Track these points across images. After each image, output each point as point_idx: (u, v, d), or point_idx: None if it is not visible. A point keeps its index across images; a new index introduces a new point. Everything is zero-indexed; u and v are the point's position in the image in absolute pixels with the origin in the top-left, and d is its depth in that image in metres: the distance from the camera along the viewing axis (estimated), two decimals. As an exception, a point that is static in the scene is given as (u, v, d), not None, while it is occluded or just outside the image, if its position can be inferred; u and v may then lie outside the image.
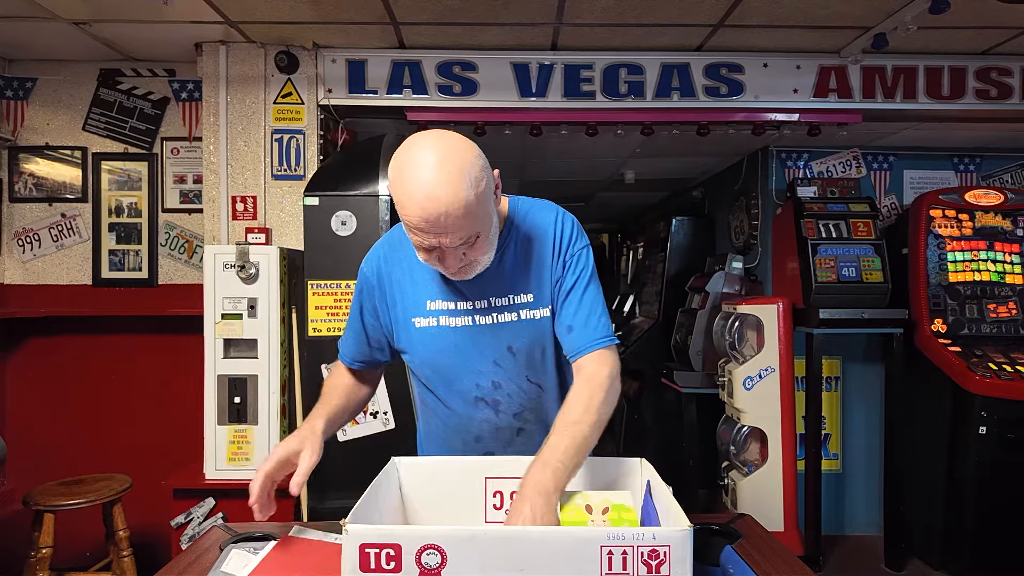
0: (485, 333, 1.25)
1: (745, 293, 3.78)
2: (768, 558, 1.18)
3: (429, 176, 1.02)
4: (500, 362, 1.26)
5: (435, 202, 1.02)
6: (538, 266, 1.26)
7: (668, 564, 0.82)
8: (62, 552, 2.51)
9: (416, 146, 1.06)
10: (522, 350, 1.26)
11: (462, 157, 1.05)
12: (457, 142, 1.07)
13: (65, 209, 3.08)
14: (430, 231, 1.05)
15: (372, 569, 0.83)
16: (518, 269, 1.25)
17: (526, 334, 1.26)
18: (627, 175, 4.69)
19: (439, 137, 1.07)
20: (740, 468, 3.31)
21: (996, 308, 3.20)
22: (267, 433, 2.52)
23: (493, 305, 1.25)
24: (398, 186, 1.06)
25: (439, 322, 1.25)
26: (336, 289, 2.49)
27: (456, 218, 1.04)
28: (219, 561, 1.15)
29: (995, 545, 2.98)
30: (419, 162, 1.03)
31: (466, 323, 1.25)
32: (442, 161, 1.03)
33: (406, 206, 1.05)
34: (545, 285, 1.26)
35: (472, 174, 1.05)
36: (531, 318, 1.25)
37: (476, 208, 1.06)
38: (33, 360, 3.05)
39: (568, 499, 1.09)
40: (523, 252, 1.26)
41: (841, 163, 3.78)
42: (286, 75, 2.84)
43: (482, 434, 1.30)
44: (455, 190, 1.02)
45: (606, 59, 2.89)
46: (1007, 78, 2.97)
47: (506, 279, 1.25)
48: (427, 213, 1.03)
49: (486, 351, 1.25)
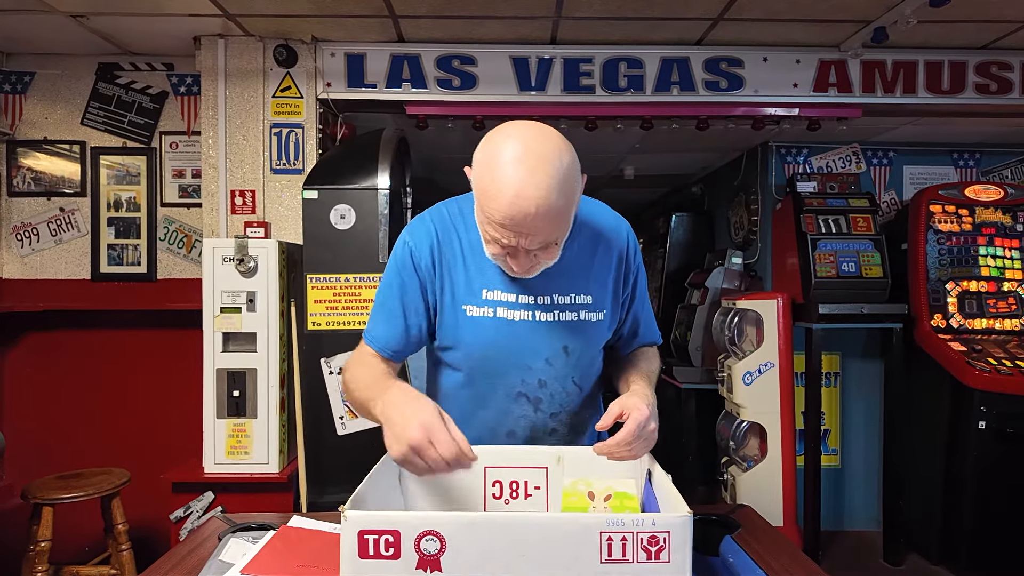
0: (543, 330, 1.21)
1: (745, 289, 3.78)
2: (767, 548, 1.17)
3: (525, 174, 0.97)
4: (552, 360, 1.23)
5: (526, 201, 0.97)
6: (602, 270, 1.24)
7: (668, 550, 0.82)
8: (61, 547, 2.51)
9: (517, 137, 1.01)
10: (576, 351, 1.24)
11: (560, 158, 1.00)
12: (557, 140, 1.02)
13: (64, 203, 3.07)
14: (512, 229, 1.00)
15: (371, 555, 0.83)
16: (580, 269, 1.22)
17: (583, 335, 1.24)
18: (627, 171, 4.69)
19: (540, 132, 1.02)
20: (739, 463, 3.31)
21: (996, 303, 3.20)
22: (266, 427, 2.51)
23: (556, 303, 1.21)
24: (488, 176, 1.00)
25: (495, 313, 1.20)
26: (335, 283, 2.48)
27: (545, 222, 1.00)
28: (217, 550, 1.14)
29: (994, 540, 2.98)
30: (518, 156, 0.98)
31: (525, 317, 1.20)
32: (541, 160, 0.98)
33: (494, 199, 0.99)
34: (606, 290, 1.25)
35: (567, 179, 1.00)
36: (589, 320, 1.24)
37: (564, 214, 1.03)
38: (32, 355, 3.05)
39: (571, 485, 1.08)
40: (587, 253, 1.23)
41: (841, 158, 3.78)
42: (285, 69, 2.83)
43: (516, 430, 1.27)
44: (548, 193, 0.97)
45: (606, 53, 2.89)
46: (1007, 72, 2.97)
47: (568, 277, 1.21)
48: (516, 212, 0.97)
49: (540, 348, 1.22)
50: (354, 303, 2.49)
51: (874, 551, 3.34)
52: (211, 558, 1.11)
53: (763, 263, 3.85)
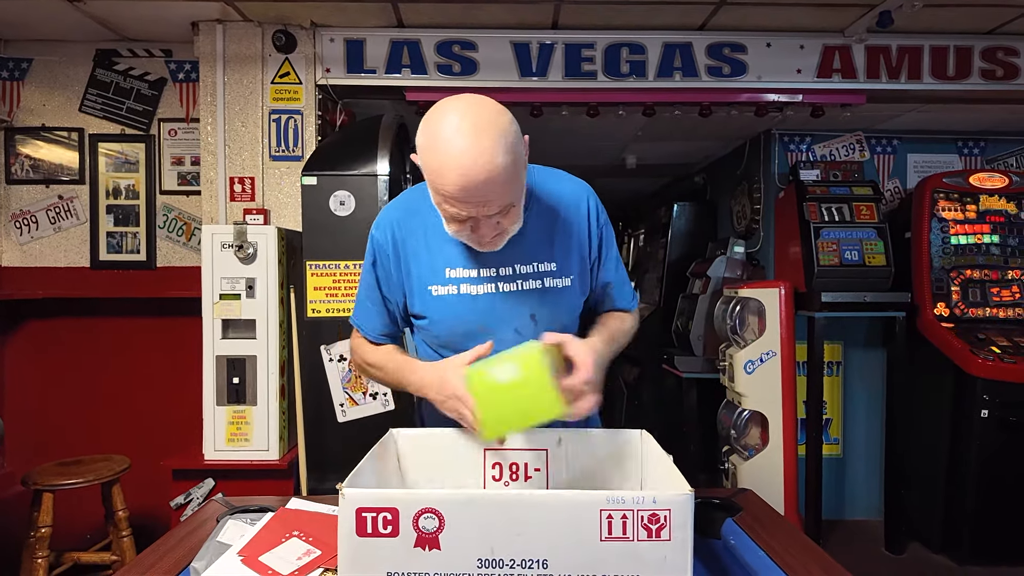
0: (508, 301, 1.22)
1: (747, 278, 3.76)
2: (769, 530, 1.17)
3: (468, 143, 0.98)
4: (521, 330, 1.23)
5: (476, 170, 0.98)
6: (564, 236, 1.25)
7: (668, 528, 0.81)
8: (62, 534, 2.51)
9: (451, 111, 1.02)
10: (544, 318, 1.24)
11: (499, 122, 1.02)
12: (492, 106, 1.04)
13: (62, 191, 3.06)
14: (468, 200, 1.02)
15: (369, 533, 0.82)
16: (541, 237, 1.23)
17: (550, 303, 1.24)
18: (628, 160, 4.66)
19: (473, 102, 1.03)
20: (741, 452, 3.30)
21: (999, 292, 3.19)
22: (266, 414, 2.51)
23: (518, 272, 1.22)
24: (432, 154, 1.01)
25: (459, 290, 1.22)
26: (335, 270, 2.47)
27: (496, 186, 1.01)
28: (215, 531, 1.14)
29: (995, 529, 2.98)
30: (456, 128, 0.99)
31: (488, 290, 1.22)
32: (481, 127, 0.99)
33: (443, 174, 1.00)
34: (571, 255, 1.25)
35: (509, 139, 1.01)
36: (555, 287, 1.24)
37: (514, 175, 1.04)
38: (31, 342, 3.04)
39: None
40: (547, 220, 1.24)
41: (844, 146, 3.75)
42: (284, 55, 2.81)
43: None
44: (493, 157, 0.99)
45: (608, 38, 2.86)
46: (1013, 58, 2.94)
47: (529, 246, 1.22)
48: (467, 182, 0.99)
49: (508, 319, 1.23)
50: (354, 290, 2.43)
51: (876, 540, 3.34)
52: (209, 539, 1.10)
53: (765, 252, 3.84)
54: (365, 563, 0.82)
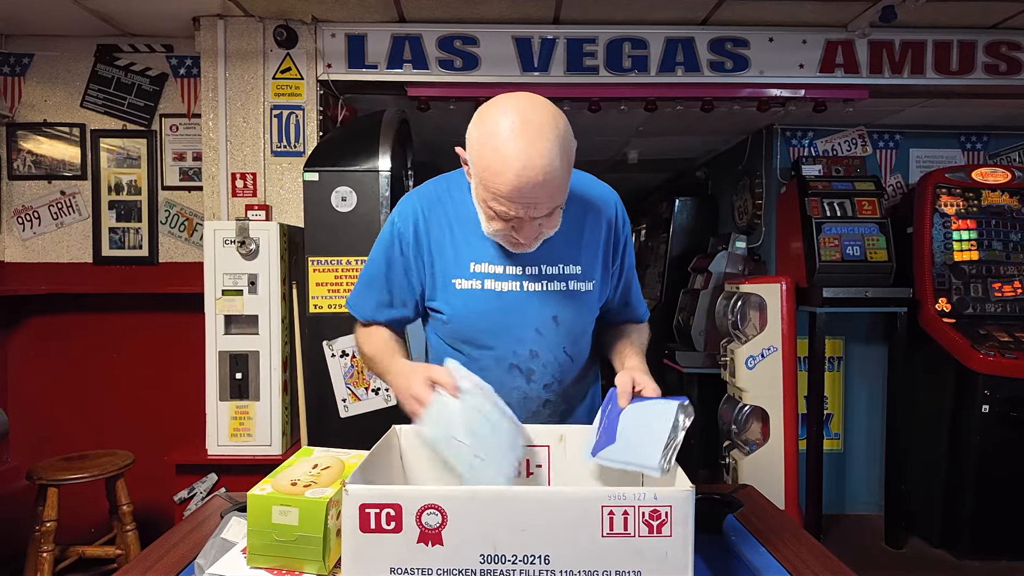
0: (532, 300, 1.22)
1: (748, 273, 3.76)
2: (770, 526, 1.17)
3: (526, 144, 0.98)
4: (542, 331, 1.23)
5: (533, 171, 0.98)
6: (592, 241, 1.25)
7: (670, 524, 0.82)
8: (67, 528, 2.53)
9: (510, 109, 1.02)
10: (566, 321, 1.24)
11: (557, 125, 1.02)
12: (549, 108, 1.04)
13: (64, 187, 3.06)
14: (519, 200, 1.02)
15: (372, 529, 0.82)
16: (569, 239, 1.23)
17: (573, 305, 1.24)
18: (630, 155, 4.65)
19: (533, 102, 1.03)
20: (741, 447, 3.31)
21: (1001, 287, 3.18)
22: (268, 409, 2.52)
23: (544, 272, 1.22)
24: (488, 151, 1.01)
25: (484, 285, 1.21)
26: (337, 266, 2.48)
27: (550, 188, 1.01)
28: (219, 528, 1.14)
29: (995, 524, 2.99)
30: (514, 128, 0.99)
31: (513, 288, 1.21)
32: (540, 128, 0.99)
33: (499, 174, 1.00)
34: (595, 260, 1.25)
35: (564, 143, 1.02)
36: (578, 290, 1.24)
37: (567, 179, 1.05)
38: (34, 338, 3.05)
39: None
40: (576, 223, 1.23)
41: (846, 141, 3.74)
42: (285, 50, 2.80)
43: (511, 402, 1.25)
44: (551, 160, 0.99)
45: (609, 33, 2.85)
46: (1017, 53, 2.92)
47: (557, 248, 1.21)
48: (522, 183, 0.99)
49: (530, 318, 1.22)
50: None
51: (876, 535, 3.35)
52: (213, 536, 1.11)
53: (767, 247, 3.83)
54: (368, 559, 0.83)
